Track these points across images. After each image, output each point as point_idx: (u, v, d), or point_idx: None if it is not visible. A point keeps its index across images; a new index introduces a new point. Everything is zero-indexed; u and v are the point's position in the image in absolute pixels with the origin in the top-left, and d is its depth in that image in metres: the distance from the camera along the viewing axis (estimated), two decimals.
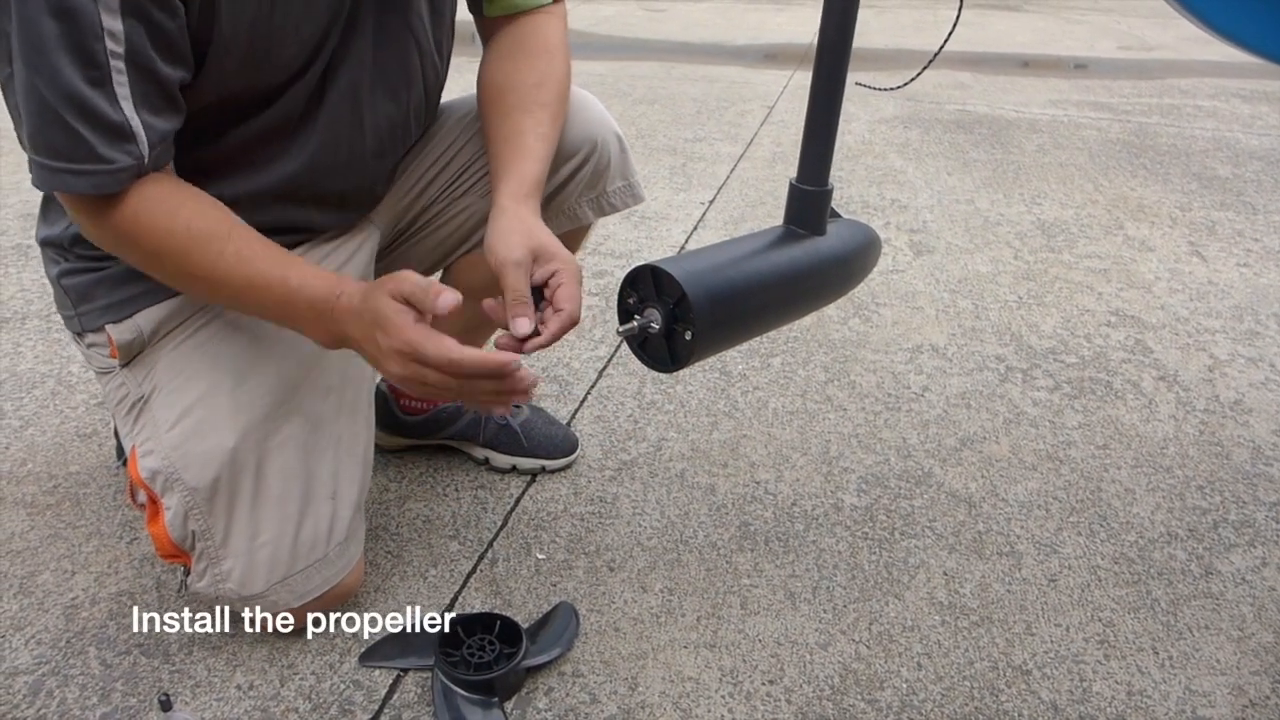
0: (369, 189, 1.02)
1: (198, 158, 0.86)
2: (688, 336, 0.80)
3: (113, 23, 0.69)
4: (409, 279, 0.78)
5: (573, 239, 1.16)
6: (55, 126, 0.70)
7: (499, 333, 0.85)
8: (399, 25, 0.92)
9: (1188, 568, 1.12)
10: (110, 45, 0.69)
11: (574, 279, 0.84)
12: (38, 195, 1.00)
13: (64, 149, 0.71)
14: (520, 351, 0.81)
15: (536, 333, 0.82)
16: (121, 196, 0.75)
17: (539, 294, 0.85)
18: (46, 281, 1.82)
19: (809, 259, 0.86)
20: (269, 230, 0.94)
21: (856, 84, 0.86)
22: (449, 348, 0.76)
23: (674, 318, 0.81)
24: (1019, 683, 0.95)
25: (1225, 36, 0.76)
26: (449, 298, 0.76)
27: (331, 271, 0.85)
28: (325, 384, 0.96)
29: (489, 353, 0.78)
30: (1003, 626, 1.02)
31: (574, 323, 0.83)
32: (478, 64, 1.03)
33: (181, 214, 0.78)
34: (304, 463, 0.92)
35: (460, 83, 1.07)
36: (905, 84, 0.95)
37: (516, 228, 0.86)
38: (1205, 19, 0.75)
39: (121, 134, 0.72)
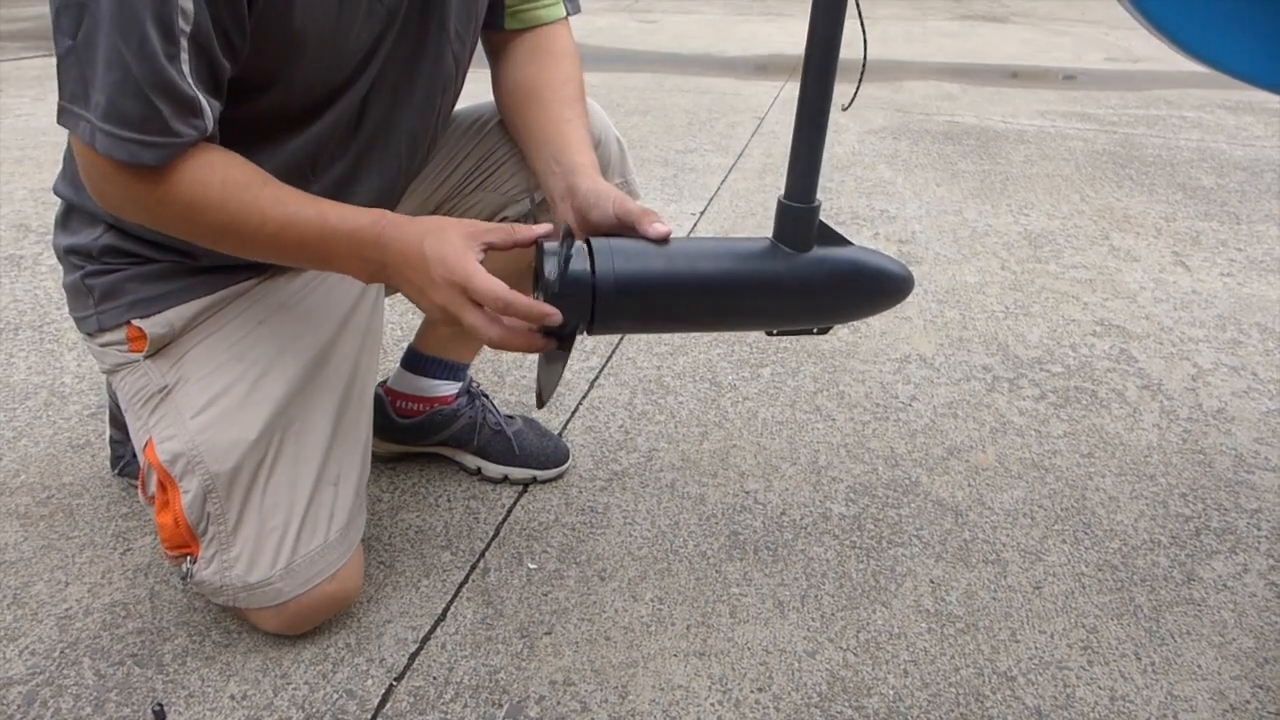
0: (398, 193, 1.07)
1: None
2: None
3: (185, 0, 0.71)
4: (481, 223, 0.82)
5: None
6: (133, 98, 0.72)
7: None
8: (438, 31, 0.96)
9: (1170, 574, 1.13)
10: (180, 23, 0.71)
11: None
12: (30, 206, 1.02)
13: (137, 120, 0.73)
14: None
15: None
16: (171, 164, 0.77)
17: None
18: (39, 292, 1.83)
19: (770, 274, 0.86)
20: None
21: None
22: (499, 285, 0.77)
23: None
24: (1004, 689, 0.96)
25: (1182, 45, 0.78)
26: (540, 228, 0.81)
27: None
28: (338, 375, 0.99)
29: (534, 300, 0.79)
30: (988, 633, 1.04)
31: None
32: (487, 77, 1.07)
33: (217, 166, 0.79)
34: (315, 451, 0.96)
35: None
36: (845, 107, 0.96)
37: (608, 188, 0.91)
38: (1161, 26, 0.77)
39: (192, 109, 0.75)
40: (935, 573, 1.13)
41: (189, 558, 0.95)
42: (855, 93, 1.03)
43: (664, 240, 0.83)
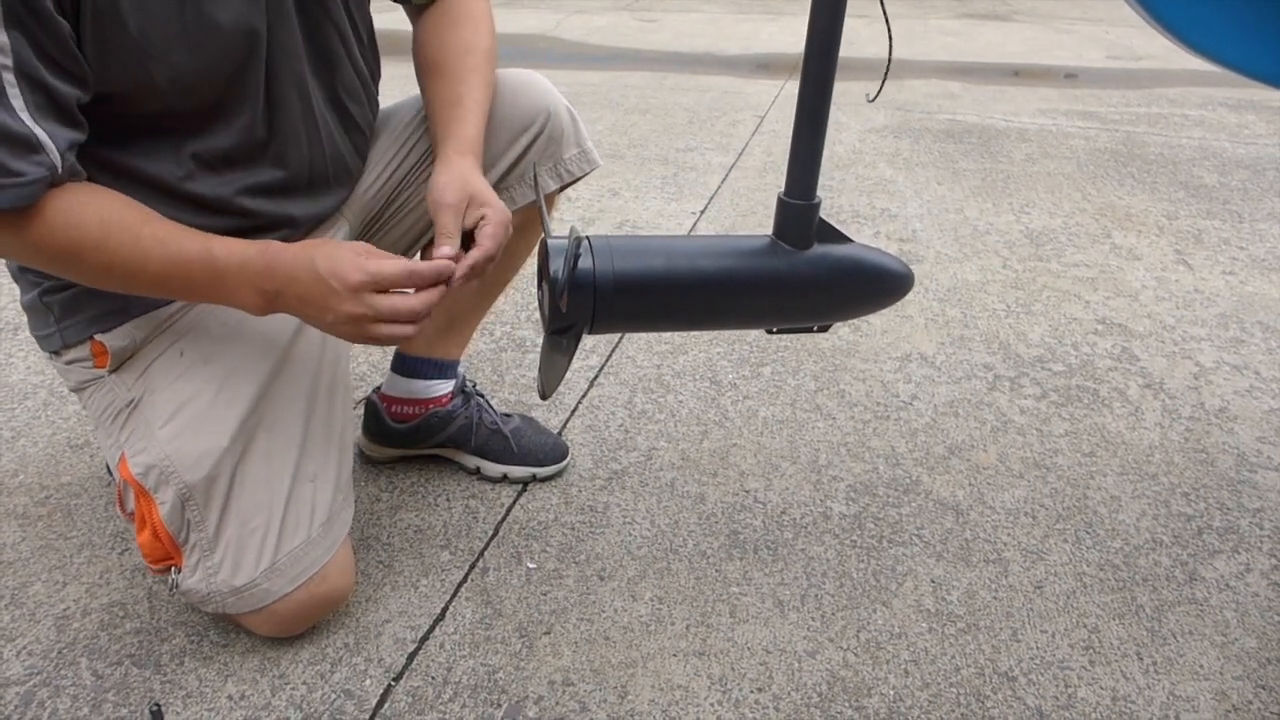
0: (344, 171, 1.06)
1: (176, 178, 0.89)
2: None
3: None
4: (375, 249, 0.85)
5: (535, 212, 1.18)
6: None
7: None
8: (318, 12, 0.95)
9: (1172, 574, 1.13)
10: None
11: (500, 223, 0.93)
12: None
13: None
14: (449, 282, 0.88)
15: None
16: (35, 207, 0.75)
17: (469, 238, 0.92)
18: None
19: (771, 271, 0.85)
20: (254, 230, 0.97)
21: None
22: (404, 260, 0.83)
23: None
24: (1005, 689, 0.96)
25: (1191, 45, 0.78)
26: (441, 263, 0.86)
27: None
28: (305, 369, 0.99)
29: (437, 262, 0.86)
30: (989, 633, 1.03)
31: (490, 258, 0.91)
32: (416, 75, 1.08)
33: (91, 207, 0.78)
34: (289, 448, 0.95)
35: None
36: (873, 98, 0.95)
37: (454, 178, 0.93)
38: (1166, 21, 0.77)
39: (29, 146, 0.72)
40: (936, 572, 1.12)
41: (174, 569, 0.94)
42: (881, 86, 1.02)
43: (452, 262, 0.87)
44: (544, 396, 0.91)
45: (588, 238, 0.81)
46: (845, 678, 0.97)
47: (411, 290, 0.85)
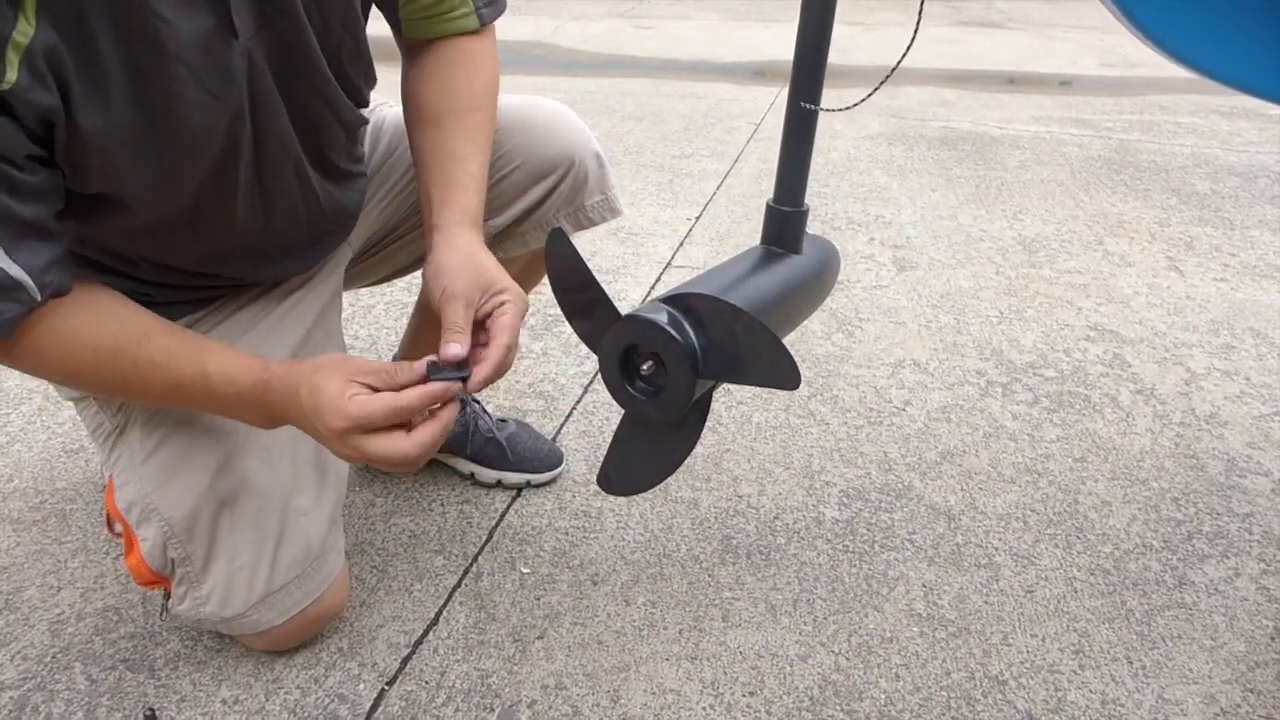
0: (346, 218, 1.04)
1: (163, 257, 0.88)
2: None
3: None
4: (359, 364, 0.76)
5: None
6: None
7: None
8: (302, 86, 0.84)
9: (1162, 578, 1.14)
10: None
11: (520, 312, 0.81)
12: None
13: None
14: (464, 392, 0.77)
15: (466, 364, 0.77)
16: (19, 334, 0.71)
17: (479, 326, 0.81)
18: None
19: (797, 276, 0.88)
20: (250, 283, 0.98)
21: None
22: (383, 399, 0.73)
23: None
24: (995, 693, 0.97)
25: (1178, 57, 0.79)
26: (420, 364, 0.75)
27: (249, 355, 0.81)
28: None
29: (428, 386, 0.75)
30: (980, 637, 1.04)
31: (512, 352, 0.80)
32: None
33: (82, 335, 0.75)
34: (278, 483, 0.93)
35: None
36: (855, 104, 0.93)
37: (463, 261, 0.83)
38: (1149, 32, 0.78)
39: (1, 289, 0.67)
40: (927, 577, 1.13)
41: (164, 592, 0.94)
42: (878, 86, 1.02)
43: (460, 360, 0.76)
44: (631, 492, 0.84)
45: (669, 310, 0.75)
46: (837, 681, 0.98)
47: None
